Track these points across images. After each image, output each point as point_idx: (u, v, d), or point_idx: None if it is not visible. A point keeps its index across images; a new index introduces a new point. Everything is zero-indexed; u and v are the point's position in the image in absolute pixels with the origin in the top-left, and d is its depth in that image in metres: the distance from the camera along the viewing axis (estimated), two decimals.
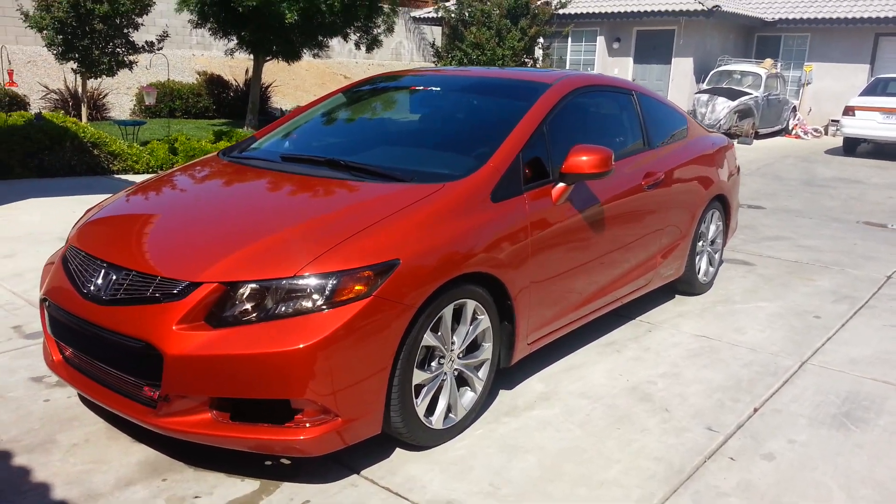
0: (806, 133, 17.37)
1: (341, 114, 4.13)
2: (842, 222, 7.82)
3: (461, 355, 2.92)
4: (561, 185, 3.31)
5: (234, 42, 13.92)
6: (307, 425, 2.44)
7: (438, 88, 3.90)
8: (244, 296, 2.46)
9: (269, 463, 2.71)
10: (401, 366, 2.59)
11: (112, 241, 2.88)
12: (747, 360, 3.81)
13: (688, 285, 4.81)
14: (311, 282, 2.45)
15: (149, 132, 12.43)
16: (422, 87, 3.95)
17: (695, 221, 4.60)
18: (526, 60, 15.17)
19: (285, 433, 2.43)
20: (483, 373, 3.04)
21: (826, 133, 17.97)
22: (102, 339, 2.61)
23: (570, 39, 19.69)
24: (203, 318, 2.45)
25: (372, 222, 2.68)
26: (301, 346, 2.36)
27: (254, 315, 2.44)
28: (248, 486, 2.57)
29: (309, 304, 2.43)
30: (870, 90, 14.39)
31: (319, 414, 2.45)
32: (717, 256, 5.14)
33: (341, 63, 24.70)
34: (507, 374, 3.41)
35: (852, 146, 14.27)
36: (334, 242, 2.56)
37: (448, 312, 2.77)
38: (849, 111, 13.73)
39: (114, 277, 2.64)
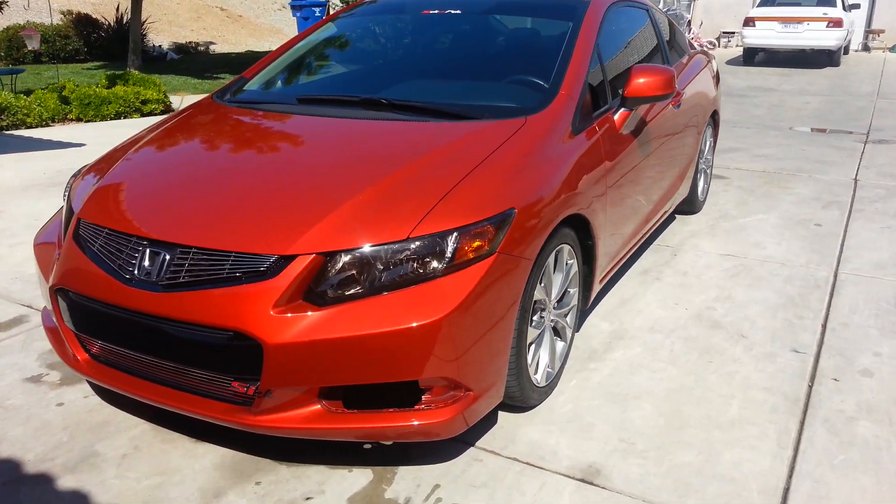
0: (702, 46, 17.87)
1: (346, 47, 3.62)
2: (778, 129, 8.07)
3: (555, 305, 2.69)
4: (623, 110, 3.07)
5: None
6: (439, 405, 2.14)
7: (458, 11, 3.48)
8: (348, 267, 2.08)
9: (368, 446, 2.41)
10: (517, 325, 2.33)
11: (145, 212, 2.37)
12: (784, 274, 3.80)
13: (689, 204, 4.75)
14: (427, 243, 2.10)
15: (20, 81, 11.01)
16: (436, 11, 3.51)
17: (700, 139, 4.51)
18: None
19: (417, 416, 2.11)
20: (570, 319, 2.82)
21: (719, 45, 18.59)
22: (163, 331, 2.16)
23: None
24: (302, 298, 2.07)
25: (468, 169, 2.33)
26: (430, 319, 2.02)
27: (361, 289, 2.08)
28: (361, 476, 2.26)
29: (427, 270, 2.10)
30: (766, 1, 14.89)
31: (449, 391, 2.15)
32: (709, 172, 5.11)
33: None
34: None
35: (751, 56, 14.79)
36: (438, 196, 2.21)
37: (551, 261, 2.51)
38: (749, 22, 14.17)
39: (167, 257, 2.18)
